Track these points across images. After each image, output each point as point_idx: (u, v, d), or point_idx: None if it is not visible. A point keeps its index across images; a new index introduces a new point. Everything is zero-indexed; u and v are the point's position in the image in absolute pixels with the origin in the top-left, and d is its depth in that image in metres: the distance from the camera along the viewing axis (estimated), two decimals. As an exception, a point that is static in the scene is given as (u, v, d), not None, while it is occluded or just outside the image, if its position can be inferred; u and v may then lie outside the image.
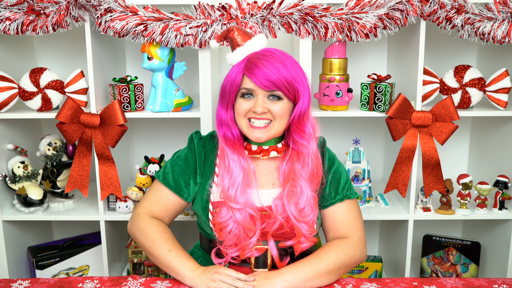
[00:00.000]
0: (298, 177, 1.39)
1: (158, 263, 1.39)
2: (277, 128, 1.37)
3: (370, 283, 1.36)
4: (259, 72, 1.30)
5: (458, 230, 2.38)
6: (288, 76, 1.31)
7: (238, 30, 1.39)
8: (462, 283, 1.37)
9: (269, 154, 1.41)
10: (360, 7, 1.72)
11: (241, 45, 1.36)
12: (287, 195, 1.38)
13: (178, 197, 1.48)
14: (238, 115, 1.36)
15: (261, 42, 1.39)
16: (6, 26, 1.71)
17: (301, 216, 1.37)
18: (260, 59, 1.31)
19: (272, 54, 1.33)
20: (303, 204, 1.38)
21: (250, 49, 1.36)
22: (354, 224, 1.45)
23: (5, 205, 1.97)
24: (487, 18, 1.73)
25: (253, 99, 1.34)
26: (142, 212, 1.48)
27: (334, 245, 1.40)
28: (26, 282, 1.38)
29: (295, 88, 1.33)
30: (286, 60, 1.33)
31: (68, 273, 2.08)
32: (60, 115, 1.80)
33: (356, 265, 1.44)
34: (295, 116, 1.37)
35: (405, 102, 1.80)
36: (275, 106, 1.34)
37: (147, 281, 1.37)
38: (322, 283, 1.35)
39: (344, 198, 1.46)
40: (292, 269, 1.33)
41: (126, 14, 1.70)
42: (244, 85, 1.33)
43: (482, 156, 2.21)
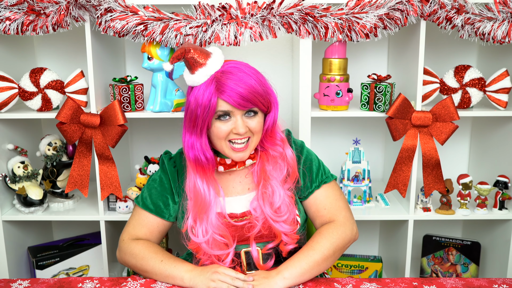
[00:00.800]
0: (269, 177, 1.39)
1: (154, 276, 1.39)
2: (255, 143, 1.37)
3: (370, 283, 1.36)
4: (232, 92, 1.26)
5: (458, 230, 2.38)
6: (259, 89, 1.29)
7: (195, 49, 1.29)
8: (462, 283, 1.37)
9: (245, 163, 1.41)
10: (360, 7, 1.72)
11: (203, 65, 1.29)
12: (261, 195, 1.38)
13: (160, 218, 1.48)
14: (218, 138, 1.33)
15: (221, 58, 1.33)
16: (6, 26, 1.71)
17: (278, 216, 1.37)
18: (229, 78, 1.27)
19: (238, 69, 1.29)
20: (277, 204, 1.37)
21: (213, 68, 1.30)
22: (337, 206, 1.45)
23: (5, 205, 1.97)
24: (487, 18, 1.73)
25: (231, 120, 1.31)
26: (126, 238, 1.48)
27: (323, 231, 1.40)
28: (26, 282, 1.38)
29: (268, 99, 1.33)
30: (251, 72, 1.30)
31: (68, 273, 2.08)
32: (60, 115, 1.80)
33: (350, 244, 1.44)
34: (268, 126, 1.37)
35: (405, 102, 1.80)
36: (253, 123, 1.33)
37: (147, 282, 1.37)
38: (320, 271, 1.36)
39: (321, 184, 1.46)
40: (288, 265, 1.33)
41: (126, 14, 1.70)
42: (220, 108, 1.29)
43: (482, 156, 2.21)
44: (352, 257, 2.21)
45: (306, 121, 1.86)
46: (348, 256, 2.22)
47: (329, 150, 2.27)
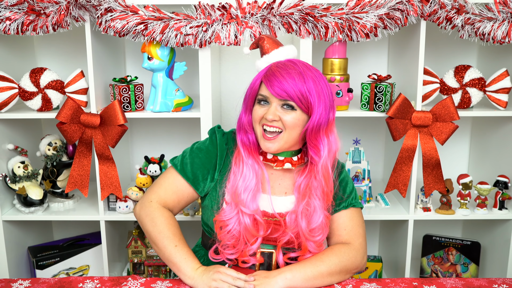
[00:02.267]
0: (314, 195, 1.39)
1: (160, 254, 1.39)
2: (287, 139, 1.36)
3: (370, 283, 1.36)
4: (275, 80, 1.31)
5: (458, 230, 2.38)
6: (302, 88, 1.30)
7: (268, 38, 1.41)
8: (462, 283, 1.37)
9: (283, 165, 1.41)
10: (360, 7, 1.72)
11: (267, 53, 1.39)
12: (301, 211, 1.39)
13: (193, 189, 1.47)
14: (254, 121, 1.38)
15: (288, 52, 1.40)
16: (6, 26, 1.71)
17: (311, 235, 1.38)
18: (280, 68, 1.33)
19: (294, 64, 1.33)
20: (314, 224, 1.38)
21: (275, 58, 1.38)
22: (357, 231, 1.46)
23: (5, 205, 1.97)
24: (487, 18, 1.73)
25: (267, 106, 1.35)
26: (154, 200, 1.46)
27: (336, 249, 1.41)
28: (26, 282, 1.38)
29: (309, 100, 1.32)
30: (306, 72, 1.32)
31: (68, 273, 2.08)
32: (60, 115, 1.80)
33: (356, 271, 1.44)
34: (308, 129, 1.35)
35: (405, 102, 1.80)
36: (287, 116, 1.33)
37: (147, 282, 1.37)
38: (322, 284, 1.36)
39: (349, 206, 1.47)
40: (293, 268, 1.34)
41: (127, 13, 1.70)
42: (261, 92, 1.35)
43: (482, 156, 2.21)
44: (352, 257, 2.20)
45: (306, 121, 1.86)
46: (348, 256, 2.21)
47: (329, 150, 2.26)
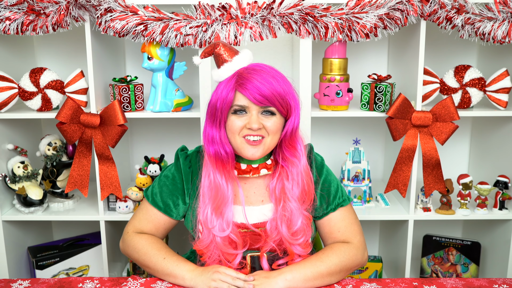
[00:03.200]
0: (289, 198, 1.37)
1: (156, 273, 1.39)
2: (269, 144, 1.34)
3: (370, 283, 1.36)
4: (252, 87, 1.27)
5: (458, 230, 2.38)
6: (281, 91, 1.29)
7: (224, 45, 1.34)
8: (462, 283, 1.37)
9: (259, 172, 1.39)
10: (360, 7, 1.72)
11: (229, 61, 1.32)
12: (279, 217, 1.37)
13: (167, 217, 1.47)
14: (232, 132, 1.33)
15: (249, 57, 1.35)
16: (6, 26, 1.71)
17: (293, 239, 1.37)
18: (252, 74, 1.29)
19: (263, 69, 1.31)
20: (294, 228, 1.36)
21: (239, 65, 1.32)
22: (352, 229, 1.44)
23: (5, 205, 1.96)
24: (488, 18, 1.73)
25: (246, 115, 1.31)
26: (131, 231, 1.48)
27: (335, 248, 1.40)
28: (26, 282, 1.37)
29: (288, 103, 1.31)
30: (276, 75, 1.31)
31: (68, 273, 2.08)
32: (60, 115, 1.80)
33: (357, 268, 1.44)
34: (287, 132, 1.34)
35: (405, 102, 1.80)
36: (269, 122, 1.31)
37: (147, 282, 1.37)
38: (322, 284, 1.35)
39: (337, 207, 1.44)
40: (293, 268, 1.33)
41: (126, 14, 1.70)
42: (237, 102, 1.30)
43: (482, 156, 2.21)
44: (352, 257, 2.20)
45: (306, 121, 1.86)
46: (348, 256, 2.21)
47: (329, 150, 2.27)
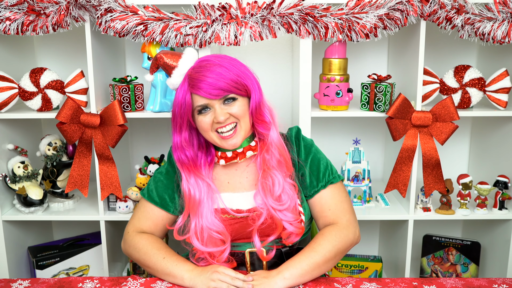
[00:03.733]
0: (269, 167, 1.39)
1: (156, 273, 1.40)
2: (244, 127, 1.37)
3: (370, 283, 1.36)
4: (204, 85, 1.30)
5: (458, 230, 2.38)
6: (232, 77, 1.32)
7: (165, 54, 1.37)
8: (462, 283, 1.37)
9: (246, 155, 1.42)
10: (360, 7, 1.72)
11: (175, 67, 1.37)
12: (262, 188, 1.38)
13: (165, 211, 1.49)
14: (204, 131, 1.37)
15: (192, 56, 1.38)
16: (6, 26, 1.71)
17: (279, 204, 1.37)
18: (201, 72, 1.31)
19: (209, 62, 1.33)
20: (278, 192, 1.37)
21: (186, 67, 1.36)
22: (341, 208, 1.45)
23: (5, 205, 1.97)
24: (487, 18, 1.73)
25: (211, 111, 1.34)
26: (131, 230, 1.49)
27: (326, 233, 1.40)
28: (26, 282, 1.38)
29: (243, 84, 1.34)
30: (223, 62, 1.33)
31: (68, 273, 2.08)
32: (60, 115, 1.80)
33: (352, 247, 1.44)
34: (252, 109, 1.37)
35: (405, 102, 1.80)
36: (234, 108, 1.34)
37: (147, 282, 1.37)
38: (320, 272, 1.36)
39: (327, 184, 1.45)
40: (289, 265, 1.33)
41: (126, 14, 1.70)
42: (197, 103, 1.33)
43: (482, 156, 2.21)
44: (352, 257, 2.21)
45: (306, 121, 1.86)
46: (348, 256, 2.22)
47: (329, 150, 2.26)
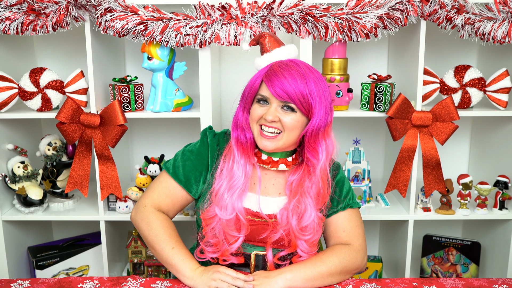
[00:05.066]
0: (306, 194, 1.38)
1: (159, 257, 1.39)
2: (286, 140, 1.35)
3: (370, 283, 1.36)
4: (277, 81, 1.30)
5: (458, 230, 2.38)
6: (304, 90, 1.30)
7: (269, 36, 1.39)
8: (462, 283, 1.37)
9: (278, 166, 1.41)
10: (360, 7, 1.72)
11: (268, 52, 1.37)
12: (292, 209, 1.38)
13: (186, 192, 1.46)
14: (252, 119, 1.37)
15: (289, 52, 1.38)
16: (6, 26, 1.71)
17: (301, 233, 1.37)
18: (281, 68, 1.31)
19: (296, 65, 1.32)
20: (305, 223, 1.37)
21: (276, 57, 1.37)
22: (356, 232, 1.46)
23: (5, 205, 1.96)
24: (488, 18, 1.73)
25: (267, 106, 1.34)
26: (149, 204, 1.46)
27: (336, 249, 1.41)
28: (26, 282, 1.37)
29: (309, 103, 1.31)
30: (307, 74, 1.31)
31: (68, 273, 2.08)
32: (60, 115, 1.80)
33: (356, 272, 1.44)
34: (308, 131, 1.35)
35: (405, 102, 1.80)
36: (287, 117, 1.33)
37: (147, 282, 1.37)
38: (322, 284, 1.36)
39: (346, 207, 1.46)
40: (293, 268, 1.34)
41: (126, 13, 1.70)
42: (261, 91, 1.34)
43: (482, 156, 2.21)
44: (352, 257, 2.20)
45: (306, 121, 1.86)
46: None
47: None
